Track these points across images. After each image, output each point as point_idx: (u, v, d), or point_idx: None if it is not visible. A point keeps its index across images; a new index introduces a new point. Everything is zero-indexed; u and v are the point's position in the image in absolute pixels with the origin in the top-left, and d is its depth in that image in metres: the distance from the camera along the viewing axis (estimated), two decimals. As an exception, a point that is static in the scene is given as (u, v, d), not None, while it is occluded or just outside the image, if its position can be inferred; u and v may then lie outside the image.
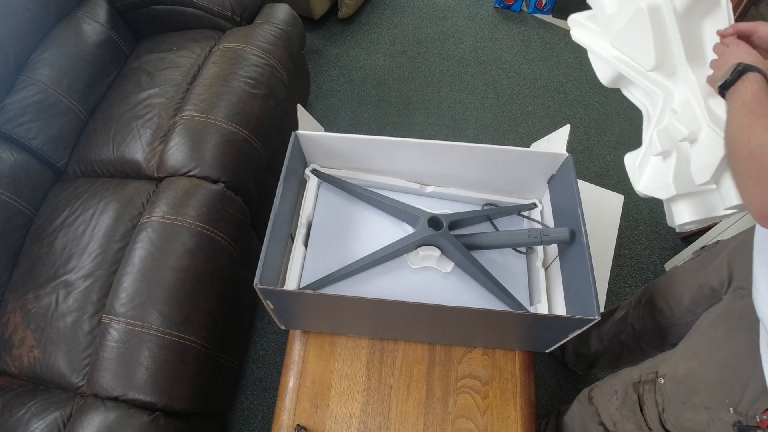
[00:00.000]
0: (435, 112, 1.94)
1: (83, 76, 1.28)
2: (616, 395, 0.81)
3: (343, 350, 0.86)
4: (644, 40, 0.81)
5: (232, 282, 1.14)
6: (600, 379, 1.36)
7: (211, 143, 1.16)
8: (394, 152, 0.89)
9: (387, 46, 2.14)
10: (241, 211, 1.18)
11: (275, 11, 1.51)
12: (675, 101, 0.82)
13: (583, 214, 0.77)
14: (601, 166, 1.78)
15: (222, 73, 1.28)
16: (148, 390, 0.91)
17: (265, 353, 1.40)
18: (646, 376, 0.75)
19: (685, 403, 0.66)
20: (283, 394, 0.83)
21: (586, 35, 0.94)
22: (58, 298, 1.01)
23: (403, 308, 0.72)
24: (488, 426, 0.81)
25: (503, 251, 0.91)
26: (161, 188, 1.13)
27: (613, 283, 1.53)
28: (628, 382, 0.78)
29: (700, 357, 0.67)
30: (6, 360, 0.99)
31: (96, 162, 1.23)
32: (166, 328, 0.95)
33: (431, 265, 0.87)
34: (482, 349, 0.87)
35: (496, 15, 2.28)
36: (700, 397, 0.65)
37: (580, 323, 0.69)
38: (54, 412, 0.91)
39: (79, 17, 1.34)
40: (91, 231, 1.08)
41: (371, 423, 0.81)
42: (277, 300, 0.73)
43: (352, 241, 0.89)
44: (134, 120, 1.24)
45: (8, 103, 1.16)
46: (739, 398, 0.59)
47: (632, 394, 0.76)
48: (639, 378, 0.76)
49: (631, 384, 0.77)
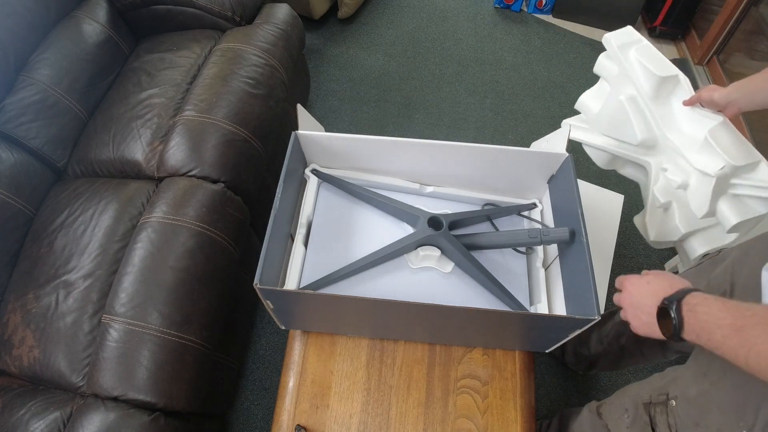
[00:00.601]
0: (435, 112, 1.94)
1: (83, 76, 1.28)
2: (627, 413, 0.78)
3: (343, 350, 0.86)
4: (628, 122, 1.02)
5: (232, 282, 1.14)
6: (601, 379, 1.36)
7: (211, 143, 1.16)
8: (394, 152, 0.89)
9: (387, 46, 2.14)
10: (241, 211, 1.18)
11: (275, 11, 1.51)
12: (663, 163, 1.02)
13: (583, 214, 0.77)
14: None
15: (222, 73, 1.28)
16: (148, 390, 0.91)
17: (265, 353, 1.40)
18: (657, 397, 0.72)
19: (698, 425, 0.64)
20: (283, 394, 0.83)
21: (581, 133, 1.16)
22: (58, 298, 1.01)
23: (403, 308, 0.72)
24: (488, 426, 0.81)
25: (503, 251, 0.91)
26: (161, 188, 1.14)
27: (613, 283, 1.53)
28: (638, 401, 0.76)
29: (713, 378, 0.65)
30: (6, 360, 0.99)
31: (96, 162, 1.23)
32: (166, 328, 0.95)
33: (431, 265, 0.87)
34: (482, 349, 0.87)
35: (496, 15, 2.28)
36: (713, 419, 0.63)
37: (580, 323, 0.69)
38: (54, 412, 0.91)
39: (79, 17, 1.34)
40: (91, 231, 1.08)
41: (371, 423, 0.81)
42: (277, 300, 0.73)
43: (352, 241, 0.89)
44: (134, 120, 1.24)
45: (8, 103, 1.16)
46: (753, 420, 0.57)
47: (643, 414, 0.74)
48: (650, 399, 0.74)
49: (642, 404, 0.75)
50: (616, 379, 1.36)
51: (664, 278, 0.60)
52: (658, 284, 0.59)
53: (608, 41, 1.08)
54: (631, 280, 0.64)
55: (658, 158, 1.05)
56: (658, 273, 0.62)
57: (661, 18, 2.11)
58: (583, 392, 1.35)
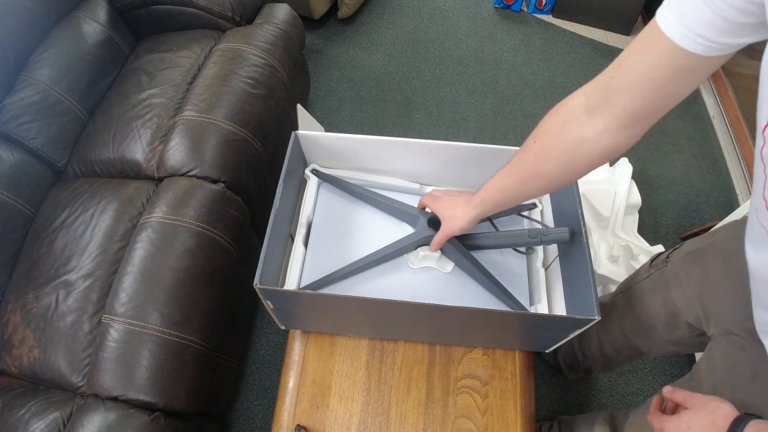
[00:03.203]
0: (435, 112, 1.94)
1: (83, 76, 1.28)
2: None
3: (343, 350, 0.86)
4: None
5: (232, 282, 1.14)
6: (600, 380, 1.36)
7: (211, 143, 1.16)
8: (394, 152, 0.89)
9: (387, 46, 2.14)
10: (241, 211, 1.18)
11: (275, 11, 1.51)
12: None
13: (583, 214, 0.77)
14: (601, 166, 1.78)
15: (222, 73, 1.28)
16: (148, 390, 0.91)
17: (265, 353, 1.40)
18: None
19: None
20: (283, 394, 0.83)
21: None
22: (58, 298, 1.01)
23: (403, 308, 0.72)
24: (488, 426, 0.81)
25: (503, 251, 0.91)
26: (161, 188, 1.13)
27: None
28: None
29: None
30: (6, 360, 0.99)
31: (96, 162, 1.23)
32: (165, 328, 0.95)
33: (431, 265, 0.87)
34: (482, 349, 0.87)
35: (496, 15, 2.28)
36: None
37: (580, 323, 0.69)
38: (54, 412, 0.91)
39: (79, 17, 1.34)
40: (91, 231, 1.08)
41: (371, 423, 0.81)
42: (277, 300, 0.73)
43: (352, 241, 0.89)
44: (134, 120, 1.24)
45: (8, 103, 1.16)
46: None
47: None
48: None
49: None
50: (617, 380, 1.36)
51: (705, 417, 0.55)
52: (702, 426, 0.55)
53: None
54: (667, 425, 0.60)
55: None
56: (695, 411, 0.57)
57: (661, 18, 2.11)
58: (584, 393, 1.35)
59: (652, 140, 1.85)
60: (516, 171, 0.66)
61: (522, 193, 0.67)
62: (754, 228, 0.50)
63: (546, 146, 0.61)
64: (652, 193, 1.70)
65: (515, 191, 0.67)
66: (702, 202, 1.70)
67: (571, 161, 0.59)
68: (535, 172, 0.64)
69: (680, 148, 1.83)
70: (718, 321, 0.72)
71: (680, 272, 0.80)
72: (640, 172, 1.72)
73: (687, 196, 1.71)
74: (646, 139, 1.86)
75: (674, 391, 0.62)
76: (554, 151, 0.60)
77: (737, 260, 0.62)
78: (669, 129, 1.89)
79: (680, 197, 1.71)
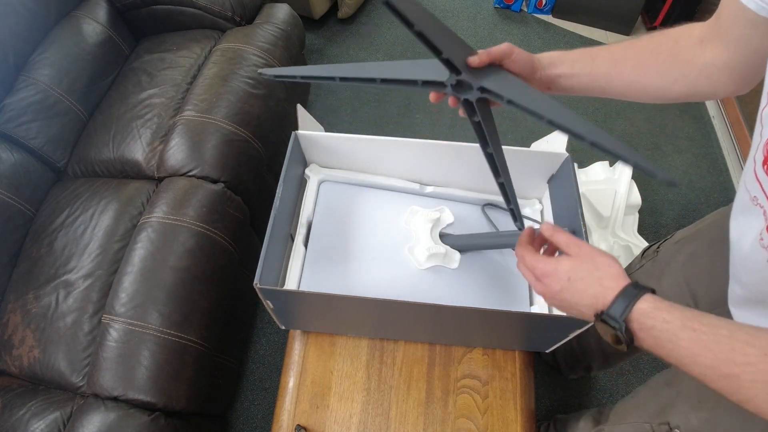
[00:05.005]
0: (435, 112, 1.94)
1: (83, 76, 1.28)
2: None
3: (343, 350, 0.86)
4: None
5: (232, 282, 1.14)
6: (600, 379, 1.36)
7: (211, 143, 1.16)
8: (394, 152, 0.89)
9: (387, 46, 2.14)
10: (241, 211, 1.18)
11: (275, 11, 1.51)
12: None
13: (583, 214, 0.77)
14: (601, 166, 1.78)
15: (222, 73, 1.28)
16: (148, 390, 0.91)
17: (265, 353, 1.40)
18: (659, 427, 0.71)
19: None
20: (283, 394, 0.83)
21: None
22: (58, 298, 1.01)
23: (403, 308, 0.72)
24: (488, 426, 0.81)
25: (503, 251, 0.91)
26: (161, 188, 1.14)
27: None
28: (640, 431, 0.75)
29: (708, 405, 0.64)
30: (6, 360, 0.99)
31: (96, 162, 1.23)
32: (165, 328, 0.95)
33: (438, 263, 0.87)
34: (482, 349, 0.87)
35: (496, 15, 2.28)
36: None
37: (579, 323, 0.69)
38: (54, 412, 0.91)
39: (79, 17, 1.34)
40: (91, 231, 1.08)
41: (371, 423, 0.81)
42: (277, 300, 0.73)
43: (353, 241, 0.89)
44: (134, 120, 1.24)
45: (8, 103, 1.16)
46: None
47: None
48: (651, 429, 0.72)
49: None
50: (616, 380, 1.36)
51: (589, 269, 0.47)
52: (585, 282, 0.47)
53: None
54: (542, 268, 0.51)
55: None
56: (579, 261, 0.48)
57: (661, 18, 2.11)
58: (584, 392, 1.35)
59: (652, 140, 1.85)
60: (615, 50, 0.58)
61: (607, 77, 0.57)
62: (740, 199, 0.50)
63: (660, 43, 0.57)
64: (652, 193, 1.70)
65: (601, 72, 0.58)
66: (702, 202, 1.70)
67: (678, 71, 0.56)
68: (637, 62, 0.56)
69: (680, 148, 1.83)
70: (704, 305, 0.72)
71: (670, 261, 0.80)
72: (640, 172, 1.72)
73: (687, 196, 1.71)
74: (646, 139, 1.86)
75: (556, 232, 0.52)
76: (663, 55, 0.56)
77: (722, 245, 0.60)
78: (669, 129, 1.88)
79: (680, 197, 1.71)
